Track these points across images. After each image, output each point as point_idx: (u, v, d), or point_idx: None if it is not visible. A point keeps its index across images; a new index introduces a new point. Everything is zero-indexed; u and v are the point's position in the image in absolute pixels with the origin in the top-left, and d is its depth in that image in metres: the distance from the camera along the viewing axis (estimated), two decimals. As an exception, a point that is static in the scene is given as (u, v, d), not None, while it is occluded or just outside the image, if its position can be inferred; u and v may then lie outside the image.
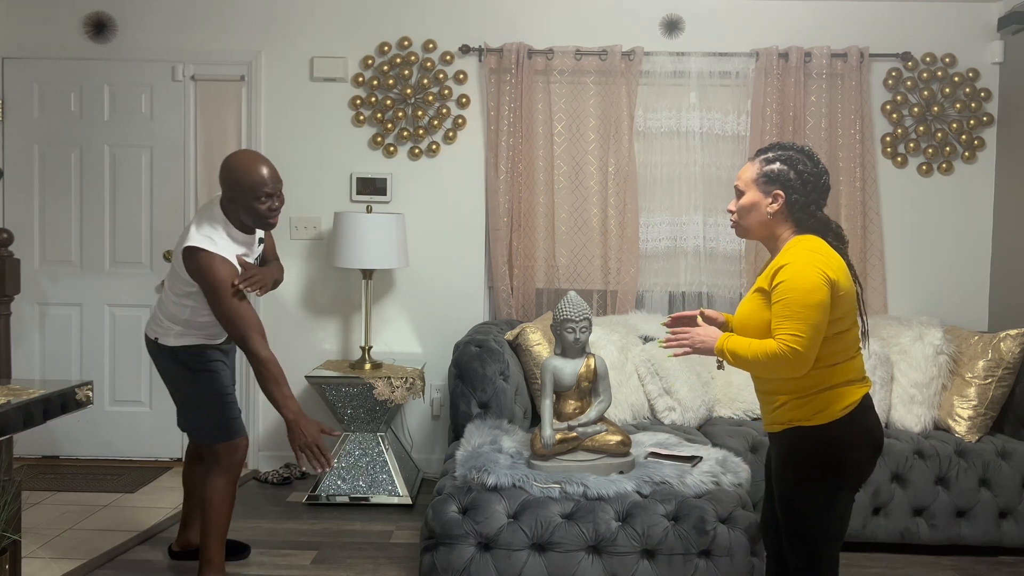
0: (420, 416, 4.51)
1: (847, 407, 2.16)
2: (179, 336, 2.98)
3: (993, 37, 4.37)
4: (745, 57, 4.32)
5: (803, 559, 2.25)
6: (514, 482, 2.83)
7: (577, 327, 2.98)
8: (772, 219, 2.22)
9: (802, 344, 2.07)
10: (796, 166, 2.19)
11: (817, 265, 2.10)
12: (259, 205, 2.85)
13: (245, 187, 2.82)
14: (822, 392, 2.16)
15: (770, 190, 2.20)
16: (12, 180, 4.51)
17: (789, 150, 2.22)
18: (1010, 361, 3.56)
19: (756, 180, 2.22)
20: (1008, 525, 3.41)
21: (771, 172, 2.20)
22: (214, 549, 2.97)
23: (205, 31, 4.46)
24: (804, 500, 2.21)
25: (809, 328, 2.07)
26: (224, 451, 2.97)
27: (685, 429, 3.66)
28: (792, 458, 2.22)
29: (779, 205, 2.20)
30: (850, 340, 2.19)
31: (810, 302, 2.07)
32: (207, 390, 2.99)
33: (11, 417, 2.18)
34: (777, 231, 2.24)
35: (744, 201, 2.25)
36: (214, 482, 2.97)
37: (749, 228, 2.27)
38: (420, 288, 4.48)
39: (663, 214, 4.42)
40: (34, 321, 4.53)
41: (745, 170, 2.27)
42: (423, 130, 4.42)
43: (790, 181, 2.19)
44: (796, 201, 2.19)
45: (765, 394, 2.29)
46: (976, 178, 4.42)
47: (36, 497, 3.94)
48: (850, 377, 2.19)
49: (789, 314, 2.08)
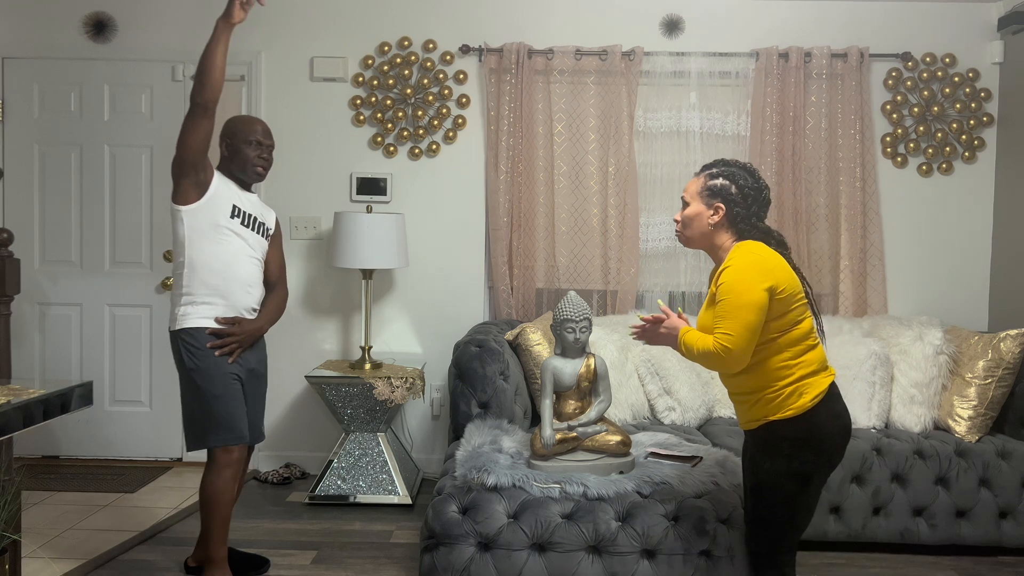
0: (420, 416, 4.51)
1: (817, 396, 2.29)
2: (183, 314, 2.92)
3: (993, 37, 4.38)
4: (745, 57, 4.32)
5: (764, 545, 2.38)
6: (514, 482, 2.83)
7: (577, 327, 2.98)
8: (713, 229, 2.38)
9: (733, 343, 2.20)
10: (737, 181, 2.36)
11: (755, 267, 2.24)
12: (249, 150, 3.03)
13: (240, 131, 3.05)
14: (789, 386, 2.29)
15: (712, 203, 2.37)
16: (12, 180, 4.52)
17: (732, 167, 2.40)
18: (1010, 361, 3.56)
19: (700, 193, 2.40)
20: (1008, 525, 3.41)
21: (714, 186, 2.37)
22: (214, 547, 2.97)
23: (205, 31, 4.37)
24: (778, 489, 2.32)
25: (742, 328, 2.20)
26: (220, 453, 2.93)
27: (685, 429, 3.66)
28: (768, 449, 2.33)
29: (720, 217, 2.37)
30: (805, 330, 2.32)
31: (744, 303, 2.20)
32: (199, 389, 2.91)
33: (11, 417, 2.18)
34: (718, 241, 2.39)
35: (688, 212, 2.42)
36: (209, 482, 2.94)
37: (692, 237, 2.43)
38: (420, 288, 4.48)
39: (663, 214, 4.42)
40: (34, 321, 4.53)
41: (691, 183, 2.44)
42: (423, 130, 4.43)
43: (731, 195, 2.36)
44: (738, 214, 2.36)
45: (735, 395, 2.43)
46: (976, 178, 4.42)
47: (36, 497, 3.94)
48: (814, 368, 2.32)
49: (724, 314, 2.23)
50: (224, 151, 3.08)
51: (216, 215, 2.96)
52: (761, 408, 2.32)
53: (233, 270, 2.98)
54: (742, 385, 2.35)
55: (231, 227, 2.98)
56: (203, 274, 2.94)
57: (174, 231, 2.98)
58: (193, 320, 2.94)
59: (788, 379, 2.28)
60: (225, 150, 3.07)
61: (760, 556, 2.39)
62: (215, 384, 2.93)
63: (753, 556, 2.42)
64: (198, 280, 2.94)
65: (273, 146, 3.14)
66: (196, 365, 2.92)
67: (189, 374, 2.93)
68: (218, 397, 2.92)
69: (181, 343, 2.93)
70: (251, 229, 3.05)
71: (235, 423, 2.94)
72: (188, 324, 2.93)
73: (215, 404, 2.92)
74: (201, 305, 2.95)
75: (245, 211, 3.04)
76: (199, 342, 2.92)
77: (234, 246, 2.99)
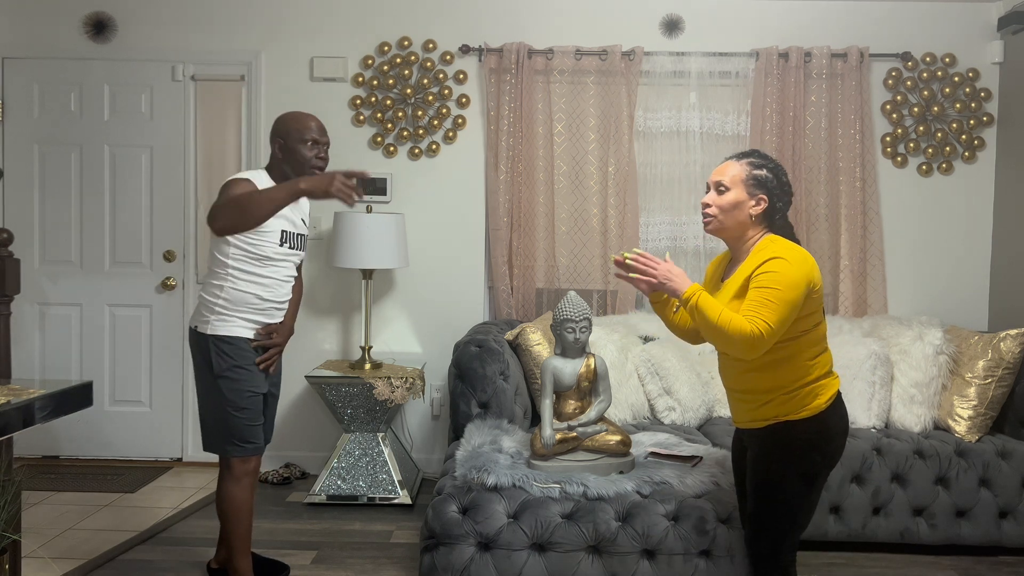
0: (420, 416, 4.51)
1: (831, 398, 2.30)
2: (219, 319, 2.83)
3: (993, 37, 4.38)
4: (745, 57, 4.32)
5: (766, 546, 2.36)
6: (514, 482, 2.83)
7: (577, 327, 2.98)
8: (751, 221, 2.33)
9: (770, 333, 2.16)
10: (780, 176, 2.35)
11: (805, 264, 2.22)
12: (305, 149, 2.88)
13: (293, 130, 2.88)
14: (807, 386, 2.28)
15: (756, 193, 2.32)
16: (12, 180, 4.52)
17: (771, 161, 2.37)
18: (1010, 361, 3.56)
19: (745, 180, 2.33)
20: (1008, 525, 3.41)
21: (760, 176, 2.33)
22: (238, 560, 2.93)
23: (205, 31, 4.46)
24: (784, 488, 2.30)
25: (780, 321, 2.17)
26: (236, 462, 2.89)
27: (685, 429, 3.66)
28: (778, 449, 2.31)
29: (762, 208, 2.32)
30: (822, 333, 2.32)
31: (790, 298, 2.17)
32: (223, 398, 2.84)
33: (11, 417, 2.18)
34: (749, 232, 2.35)
35: (729, 198, 2.33)
36: (228, 492, 2.88)
37: (727, 225, 2.35)
38: (420, 288, 4.48)
39: (663, 214, 4.42)
40: (34, 321, 4.53)
41: (730, 167, 2.35)
42: (423, 130, 4.43)
43: (775, 188, 2.33)
44: (778, 208, 2.33)
45: (743, 393, 2.37)
46: (976, 178, 4.42)
47: (36, 497, 3.94)
48: (827, 369, 2.32)
49: (766, 301, 2.16)
50: (277, 152, 2.91)
51: (264, 248, 2.84)
52: (774, 408, 2.29)
53: (274, 291, 2.91)
54: (758, 383, 2.30)
55: (279, 254, 2.89)
56: (244, 293, 2.84)
57: (215, 246, 2.85)
58: (231, 328, 2.84)
59: (806, 379, 2.26)
60: (279, 151, 2.91)
61: (761, 556, 2.38)
62: (242, 397, 2.86)
63: (754, 556, 2.40)
64: (238, 294, 2.85)
65: (329, 143, 2.97)
66: (226, 374, 2.83)
67: (216, 381, 2.84)
68: (242, 410, 2.86)
69: (214, 348, 2.83)
70: (296, 248, 2.97)
71: (255, 435, 2.90)
72: (225, 332, 2.83)
73: (240, 415, 2.86)
74: (238, 316, 2.86)
75: (292, 233, 2.93)
76: (236, 351, 2.84)
77: (280, 272, 2.92)
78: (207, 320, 2.85)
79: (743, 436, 2.47)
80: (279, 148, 2.91)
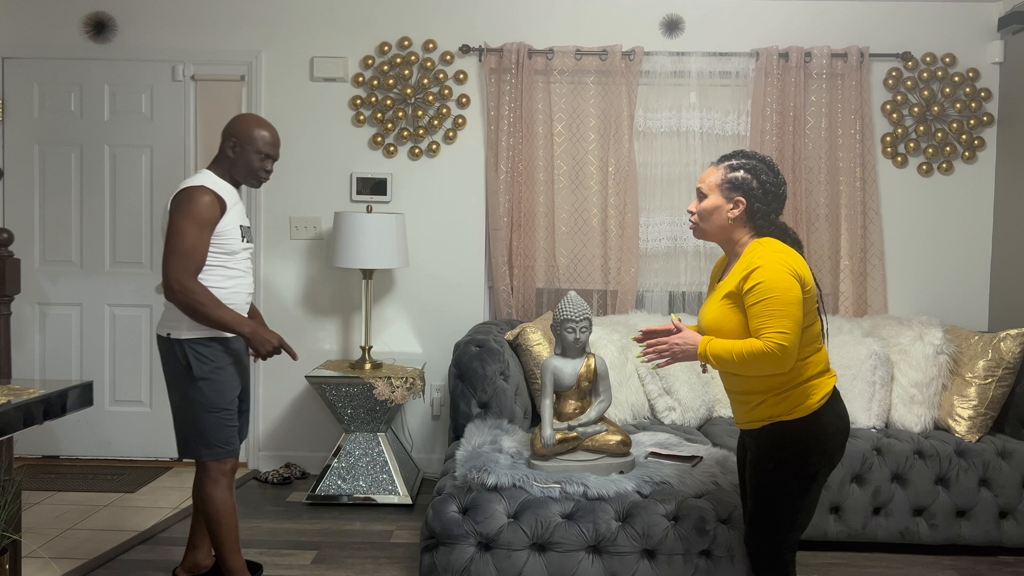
0: (420, 416, 4.51)
1: (823, 398, 2.28)
2: (192, 323, 2.79)
3: (993, 37, 4.38)
4: (745, 57, 4.32)
5: (766, 546, 2.36)
6: (514, 482, 2.83)
7: (577, 327, 2.98)
8: (732, 224, 2.32)
9: (788, 340, 2.15)
10: (759, 176, 2.30)
11: (787, 264, 2.20)
12: (257, 159, 2.90)
13: (251, 138, 2.89)
14: (798, 386, 2.26)
15: (732, 196, 2.31)
16: (12, 180, 4.52)
17: (752, 159, 2.33)
18: (1010, 361, 3.56)
19: (720, 185, 2.32)
20: (1008, 525, 3.41)
21: (735, 179, 2.31)
22: (232, 559, 2.90)
23: (205, 31, 4.46)
24: (783, 489, 2.30)
25: (793, 324, 2.16)
26: (213, 465, 2.88)
27: (685, 429, 3.66)
28: (775, 450, 2.31)
29: (740, 211, 2.31)
30: (816, 333, 2.30)
31: (789, 299, 2.16)
32: (202, 401, 2.83)
33: (11, 417, 2.18)
34: (736, 235, 2.34)
35: (706, 204, 2.34)
36: (210, 495, 2.87)
37: (708, 231, 2.36)
38: (420, 288, 4.48)
39: (663, 214, 4.42)
40: (34, 321, 4.53)
41: (709, 174, 2.36)
42: (423, 130, 4.43)
43: (753, 190, 2.30)
44: (758, 210, 2.31)
45: (740, 394, 2.37)
46: (976, 178, 4.42)
47: (36, 497, 3.94)
48: (820, 369, 2.30)
49: (771, 313, 2.16)
50: (229, 152, 2.89)
51: (230, 244, 2.86)
52: (767, 408, 2.29)
53: (241, 285, 2.93)
54: (751, 385, 2.30)
55: (242, 249, 2.91)
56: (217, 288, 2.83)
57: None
58: (206, 330, 2.83)
59: (798, 380, 2.26)
60: (230, 151, 2.89)
61: (762, 556, 2.38)
62: (223, 398, 2.85)
63: (754, 556, 2.41)
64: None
65: (278, 155, 2.99)
66: (208, 376, 2.82)
67: (196, 384, 2.82)
68: (222, 411, 2.86)
69: (192, 352, 2.81)
70: (248, 240, 2.99)
71: (232, 437, 2.90)
72: (201, 334, 2.82)
73: (220, 416, 2.85)
74: None
75: (245, 226, 2.96)
76: (214, 353, 2.84)
77: (242, 265, 2.94)
78: (179, 326, 2.83)
79: (744, 437, 2.48)
80: (231, 149, 2.89)
